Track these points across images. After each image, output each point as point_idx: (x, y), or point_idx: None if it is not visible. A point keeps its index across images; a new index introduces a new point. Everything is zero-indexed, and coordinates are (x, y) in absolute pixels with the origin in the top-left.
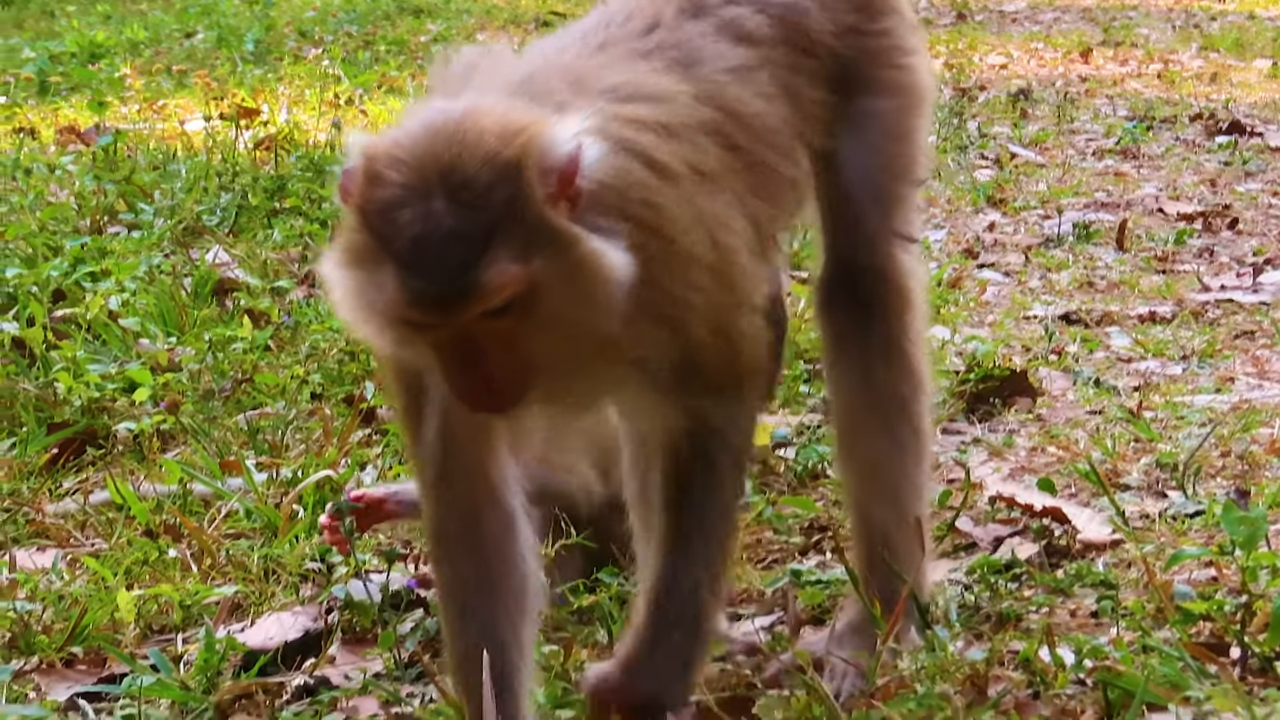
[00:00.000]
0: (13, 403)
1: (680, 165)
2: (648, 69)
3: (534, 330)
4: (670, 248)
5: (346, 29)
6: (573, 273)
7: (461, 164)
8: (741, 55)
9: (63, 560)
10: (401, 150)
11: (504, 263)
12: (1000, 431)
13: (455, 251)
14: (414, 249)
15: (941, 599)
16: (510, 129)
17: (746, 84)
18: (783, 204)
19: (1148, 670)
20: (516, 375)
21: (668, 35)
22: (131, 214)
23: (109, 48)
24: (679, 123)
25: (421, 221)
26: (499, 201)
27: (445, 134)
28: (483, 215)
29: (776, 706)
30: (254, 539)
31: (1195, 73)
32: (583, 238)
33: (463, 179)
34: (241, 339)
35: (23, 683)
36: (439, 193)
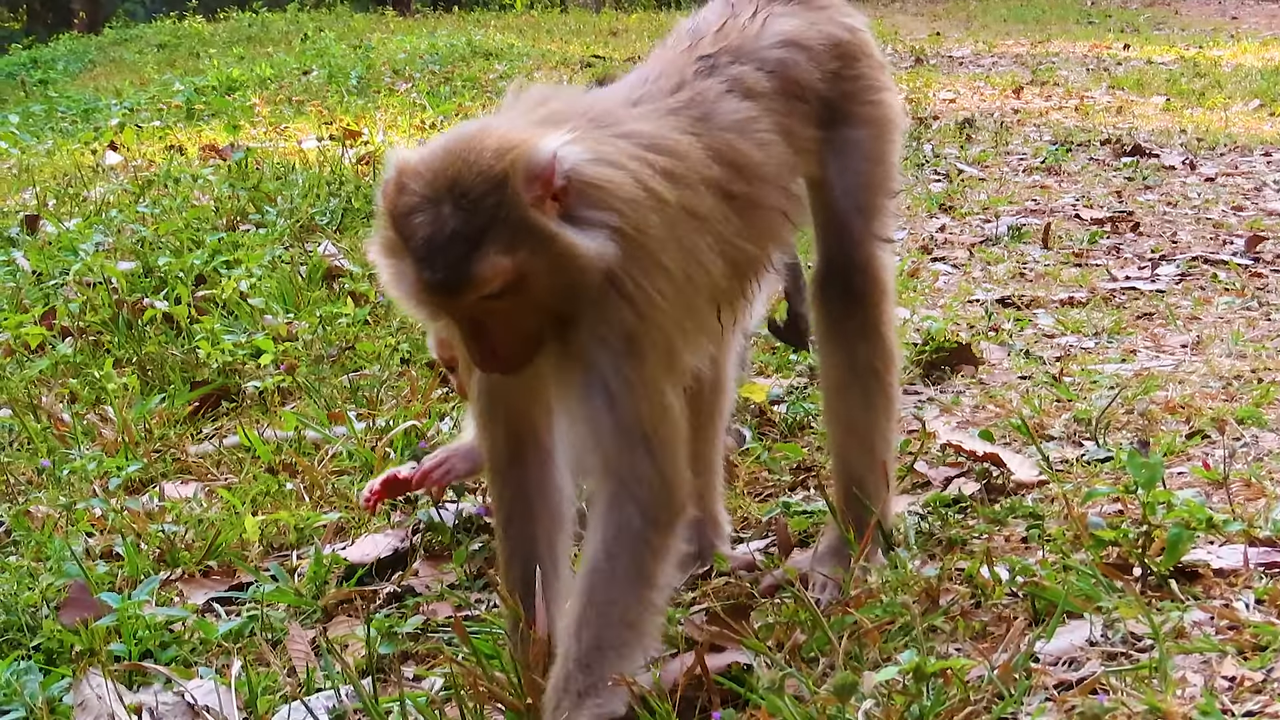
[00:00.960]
0: (163, 365)
1: (674, 199)
2: (670, 126)
3: (526, 311)
4: (648, 247)
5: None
6: (553, 262)
7: (463, 177)
8: (747, 109)
9: (202, 491)
10: (422, 165)
11: (493, 257)
12: (949, 393)
13: (455, 249)
14: (425, 247)
15: (902, 527)
16: (505, 146)
17: (750, 136)
18: (773, 241)
19: (1067, 585)
20: (517, 343)
21: (689, 94)
22: (259, 215)
23: (242, 82)
24: (684, 172)
25: (431, 225)
26: (489, 207)
27: (456, 152)
28: (477, 219)
29: (770, 612)
30: (354, 475)
31: (1105, 106)
32: (560, 233)
33: (463, 189)
34: (345, 315)
35: (169, 590)
36: (446, 201)
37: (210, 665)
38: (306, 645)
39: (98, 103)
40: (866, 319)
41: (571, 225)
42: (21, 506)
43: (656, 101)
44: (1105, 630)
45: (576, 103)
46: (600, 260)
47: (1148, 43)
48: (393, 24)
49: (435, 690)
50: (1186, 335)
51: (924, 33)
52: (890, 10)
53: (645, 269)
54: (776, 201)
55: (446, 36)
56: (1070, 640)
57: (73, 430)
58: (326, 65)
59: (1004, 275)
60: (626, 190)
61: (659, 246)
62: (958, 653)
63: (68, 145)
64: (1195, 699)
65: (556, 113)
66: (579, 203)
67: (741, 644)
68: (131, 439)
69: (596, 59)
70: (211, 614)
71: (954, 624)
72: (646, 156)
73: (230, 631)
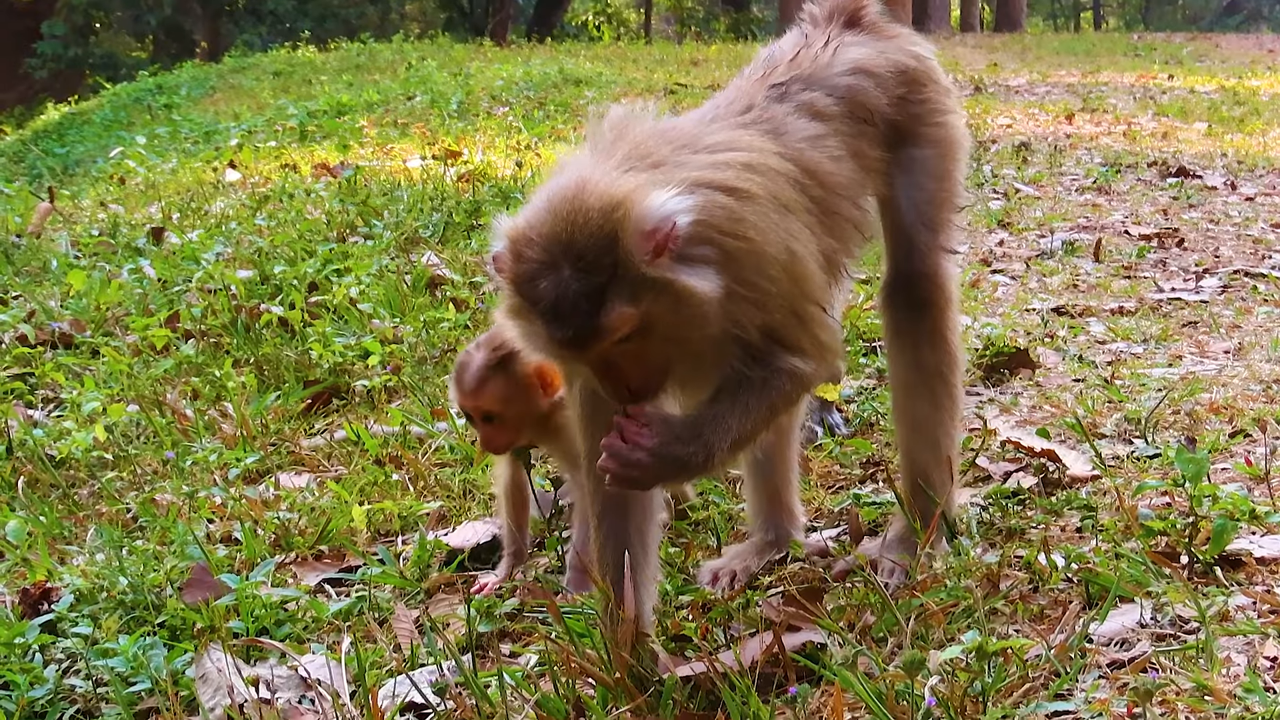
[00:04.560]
0: (278, 365)
1: (760, 191)
2: (744, 134)
3: (653, 345)
4: (752, 250)
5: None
6: (673, 305)
7: (576, 240)
8: (816, 128)
9: (314, 482)
10: (533, 232)
11: (617, 310)
12: (1008, 394)
13: (580, 308)
14: (552, 310)
15: (965, 517)
16: (609, 204)
17: (821, 149)
18: (849, 243)
19: (1119, 572)
20: (649, 375)
21: (760, 114)
22: (367, 227)
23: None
24: (763, 165)
25: (554, 289)
26: (607, 265)
27: (562, 214)
28: (596, 278)
29: (842, 595)
30: (455, 467)
31: (1151, 131)
32: (675, 280)
33: (578, 252)
34: (447, 319)
35: (284, 572)
36: (564, 265)
37: (322, 641)
38: (411, 624)
39: (218, 125)
40: (933, 325)
41: (683, 267)
42: (148, 494)
43: (729, 119)
44: (1155, 613)
45: (657, 130)
46: (714, 293)
47: (1190, 74)
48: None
49: (530, 666)
50: (1229, 342)
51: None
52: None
53: (756, 267)
54: (848, 212)
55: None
56: (1122, 622)
57: (195, 425)
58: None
59: (1058, 286)
60: (719, 211)
61: (760, 237)
62: (1017, 633)
63: (190, 164)
64: (1239, 677)
65: (640, 147)
66: (685, 245)
67: (816, 624)
68: (249, 433)
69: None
70: (323, 594)
71: (1013, 607)
72: (725, 158)
73: (340, 610)
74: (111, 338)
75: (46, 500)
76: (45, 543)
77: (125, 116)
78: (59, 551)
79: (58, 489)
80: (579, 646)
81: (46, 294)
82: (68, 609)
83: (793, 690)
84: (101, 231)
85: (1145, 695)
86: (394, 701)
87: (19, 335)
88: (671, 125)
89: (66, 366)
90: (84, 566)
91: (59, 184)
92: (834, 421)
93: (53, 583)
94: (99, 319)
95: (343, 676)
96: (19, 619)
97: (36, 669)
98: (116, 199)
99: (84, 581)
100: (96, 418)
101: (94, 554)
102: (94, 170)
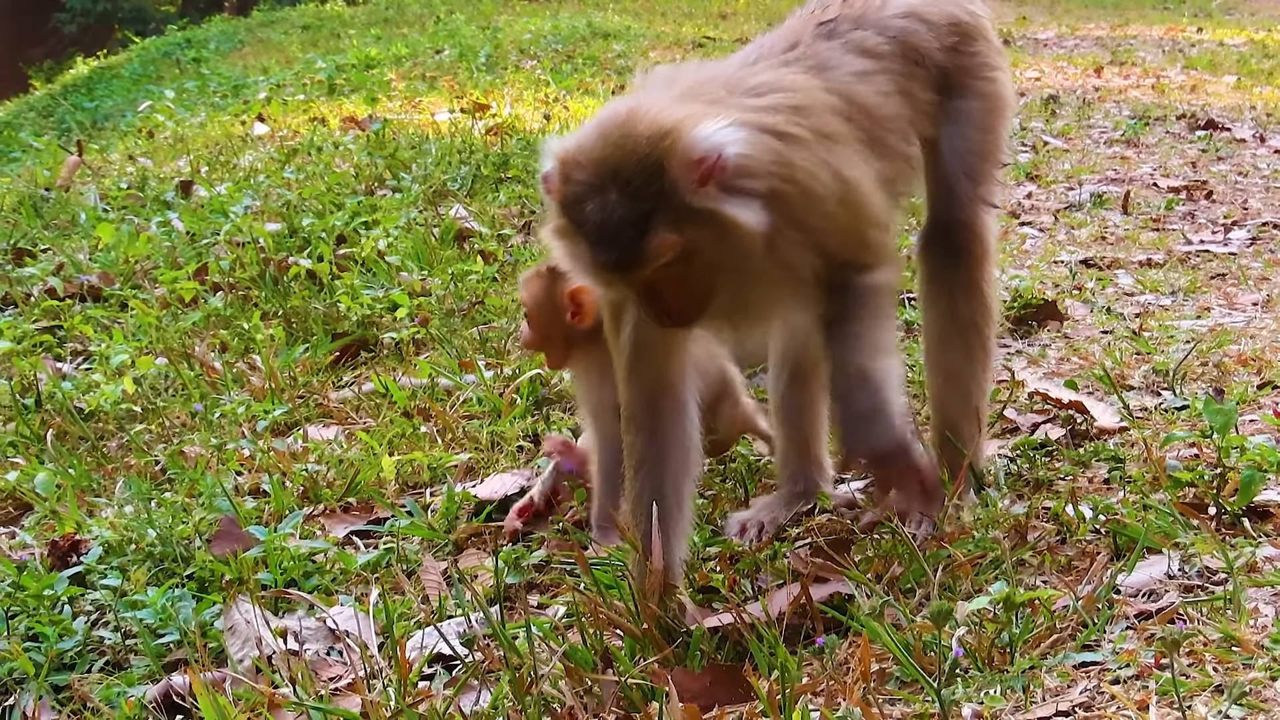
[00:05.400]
0: (307, 317)
1: (807, 133)
2: (787, 72)
3: (696, 273)
4: (802, 192)
5: (554, 47)
6: (717, 235)
7: (624, 165)
8: (865, 64)
9: (342, 434)
10: (582, 155)
11: (661, 236)
12: (1036, 345)
13: (625, 232)
14: (597, 232)
15: (993, 469)
16: (658, 132)
17: (868, 84)
18: (900, 170)
19: (1147, 523)
20: (690, 302)
21: (805, 50)
22: (395, 180)
23: (380, 60)
24: (808, 104)
25: (600, 212)
26: (653, 192)
27: (612, 139)
28: (642, 204)
29: (869, 546)
30: (483, 419)
31: (1180, 84)
32: (720, 210)
33: (625, 177)
34: (475, 272)
35: (312, 524)
36: (611, 189)
37: (350, 593)
38: (439, 575)
39: (246, 79)
40: (969, 275)
41: (729, 198)
42: (176, 447)
43: (772, 58)
44: (1182, 565)
45: (704, 75)
46: (760, 227)
47: (1219, 26)
48: (519, 7)
49: (558, 617)
50: (1257, 294)
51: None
52: None
53: (806, 207)
54: (897, 144)
55: (568, 18)
56: (1150, 574)
57: (223, 377)
58: (457, 45)
59: (1086, 238)
60: (768, 150)
61: (810, 179)
62: (1044, 585)
63: (219, 117)
64: (1267, 628)
65: (690, 89)
66: (732, 176)
67: (843, 575)
68: (277, 385)
69: (708, 39)
70: (351, 546)
71: (1041, 558)
72: (771, 101)
73: (368, 563)
74: (140, 290)
75: (75, 453)
76: (74, 495)
77: (154, 71)
78: (88, 504)
79: (86, 441)
80: (606, 598)
81: (75, 247)
82: (96, 561)
83: (820, 641)
84: (130, 185)
85: (1173, 646)
86: (422, 653)
87: (48, 288)
88: (719, 67)
89: (95, 319)
90: (112, 519)
91: (88, 138)
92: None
93: (81, 535)
94: (127, 272)
95: (371, 628)
96: (48, 571)
97: (66, 620)
98: (145, 153)
99: (112, 534)
100: (125, 370)
101: (122, 506)
102: (122, 124)
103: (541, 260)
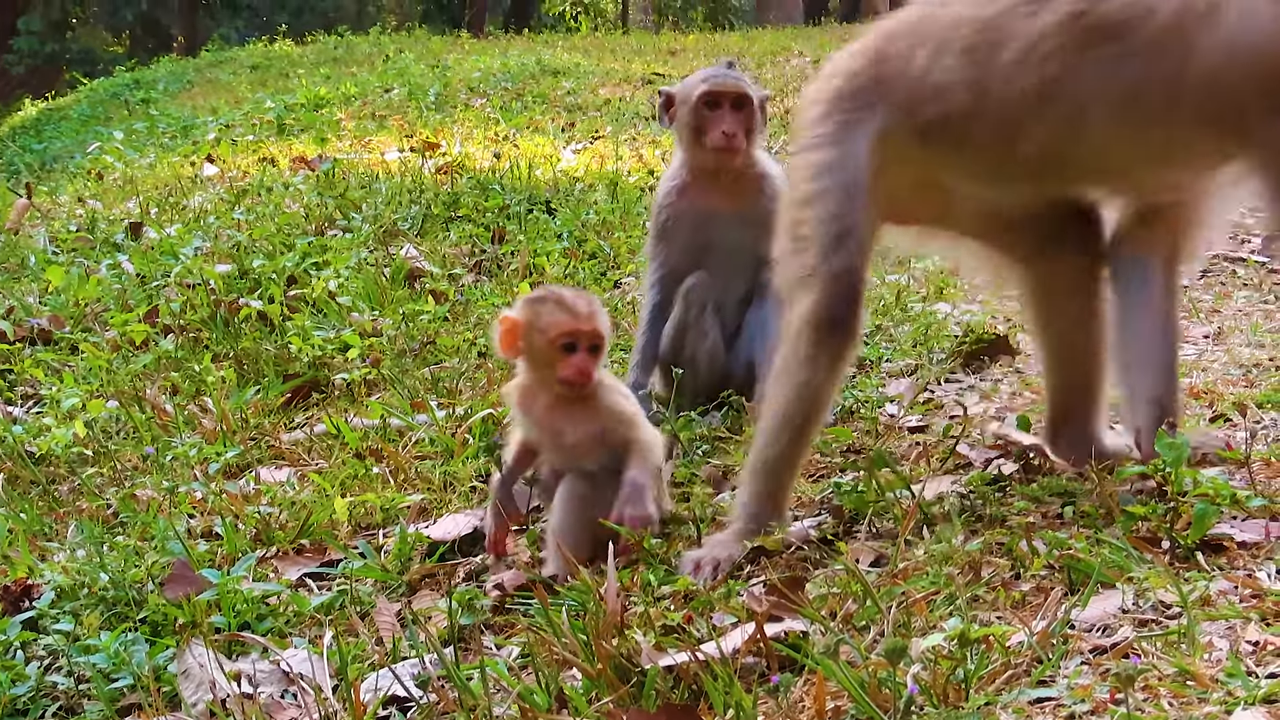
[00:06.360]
0: (258, 359)
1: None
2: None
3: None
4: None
5: (503, 85)
6: None
7: None
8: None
9: (294, 476)
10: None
11: None
12: (989, 380)
13: None
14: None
15: (946, 504)
16: None
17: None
18: None
19: (1101, 557)
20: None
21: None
22: (345, 220)
23: (329, 99)
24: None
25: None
26: None
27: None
28: None
29: (824, 584)
30: (436, 460)
31: None
32: None
33: None
34: (426, 312)
35: (265, 566)
36: None
37: (304, 636)
38: (393, 617)
39: (195, 119)
40: None
41: None
42: (128, 490)
43: None
44: (1136, 599)
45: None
46: None
47: None
48: (467, 45)
49: (513, 658)
50: (1208, 326)
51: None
52: None
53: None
54: None
55: (517, 56)
56: (1104, 608)
57: (175, 420)
58: (406, 83)
59: None
60: None
61: None
62: (999, 620)
63: (168, 158)
64: (1221, 662)
65: None
66: None
67: (798, 612)
68: (229, 427)
69: (656, 75)
70: (304, 588)
71: (995, 594)
72: None
73: (322, 604)
74: (90, 333)
75: (26, 497)
76: (26, 539)
77: (103, 112)
78: (40, 548)
79: (38, 485)
80: (561, 636)
81: (25, 290)
82: (49, 606)
83: (775, 679)
84: (79, 227)
85: (1128, 680)
86: (376, 694)
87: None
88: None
89: (45, 363)
90: (65, 563)
91: (36, 180)
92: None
93: (34, 580)
94: (78, 315)
95: (325, 670)
96: (0, 616)
97: (18, 666)
98: (94, 194)
99: (65, 578)
100: (76, 414)
101: (75, 550)
102: (71, 166)
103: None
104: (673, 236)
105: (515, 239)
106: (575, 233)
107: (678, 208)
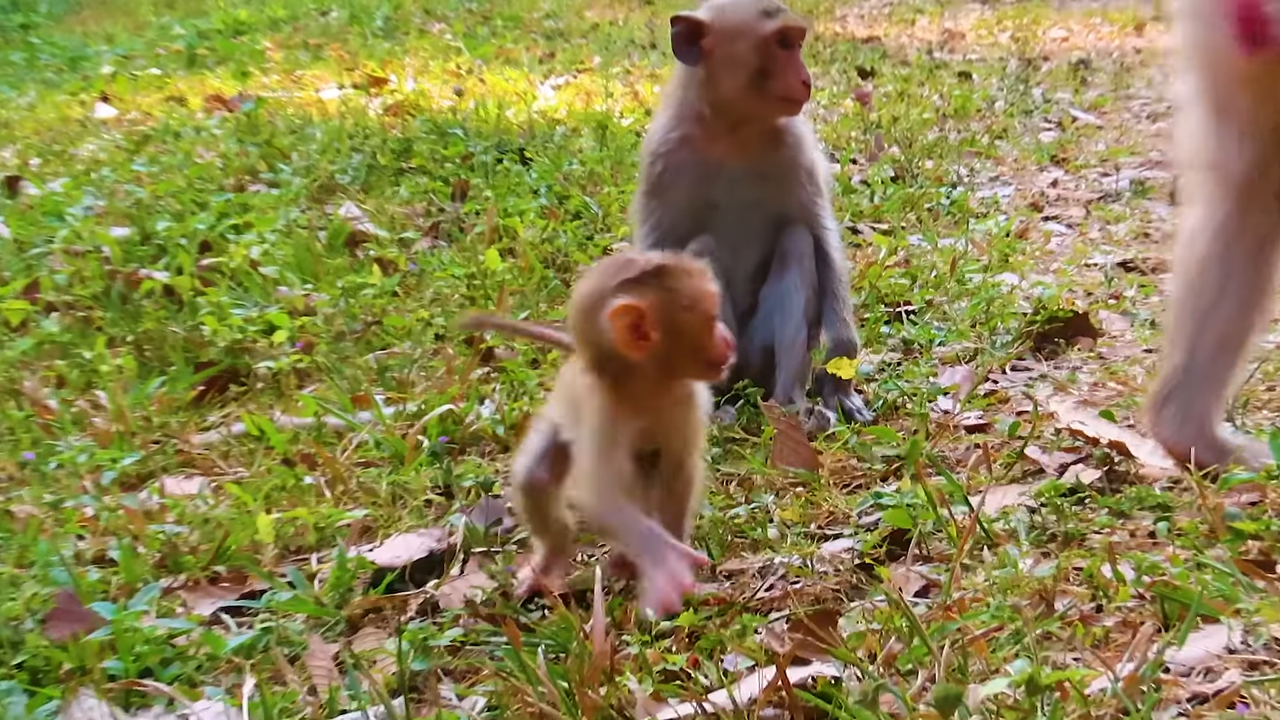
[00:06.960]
0: (163, 344)
1: None
2: None
3: None
4: None
5: (467, 6)
6: None
7: None
8: None
9: (208, 487)
10: None
11: None
12: (1065, 368)
13: None
14: None
15: (1012, 520)
16: None
17: None
18: None
19: (1202, 585)
20: None
21: None
22: (271, 173)
23: (251, 24)
24: None
25: None
26: None
27: None
28: None
29: (861, 618)
30: (382, 467)
31: None
32: None
33: None
34: (371, 285)
35: (171, 599)
36: None
37: (219, 684)
38: (329, 661)
39: (86, 49)
40: None
41: None
42: (2, 505)
43: None
44: (1245, 635)
45: None
46: None
47: None
48: None
49: (477, 710)
50: None
51: None
52: None
53: None
54: None
55: None
56: (1206, 647)
57: (60, 419)
58: (348, 4)
59: (1125, 236)
60: None
61: None
62: (1076, 663)
63: (52, 97)
64: None
65: None
66: None
67: (829, 654)
68: (127, 428)
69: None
70: (220, 626)
71: (1071, 630)
72: None
73: (241, 646)
74: None
75: None
76: None
77: None
78: None
79: None
80: (537, 683)
81: None
82: None
83: None
84: None
85: None
86: None
87: None
88: None
89: None
90: None
91: None
92: (851, 406)
93: None
94: None
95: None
96: None
97: None
98: None
99: None
100: None
101: None
102: None
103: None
104: (670, 193)
105: (480, 195)
106: (555, 187)
107: (677, 157)
